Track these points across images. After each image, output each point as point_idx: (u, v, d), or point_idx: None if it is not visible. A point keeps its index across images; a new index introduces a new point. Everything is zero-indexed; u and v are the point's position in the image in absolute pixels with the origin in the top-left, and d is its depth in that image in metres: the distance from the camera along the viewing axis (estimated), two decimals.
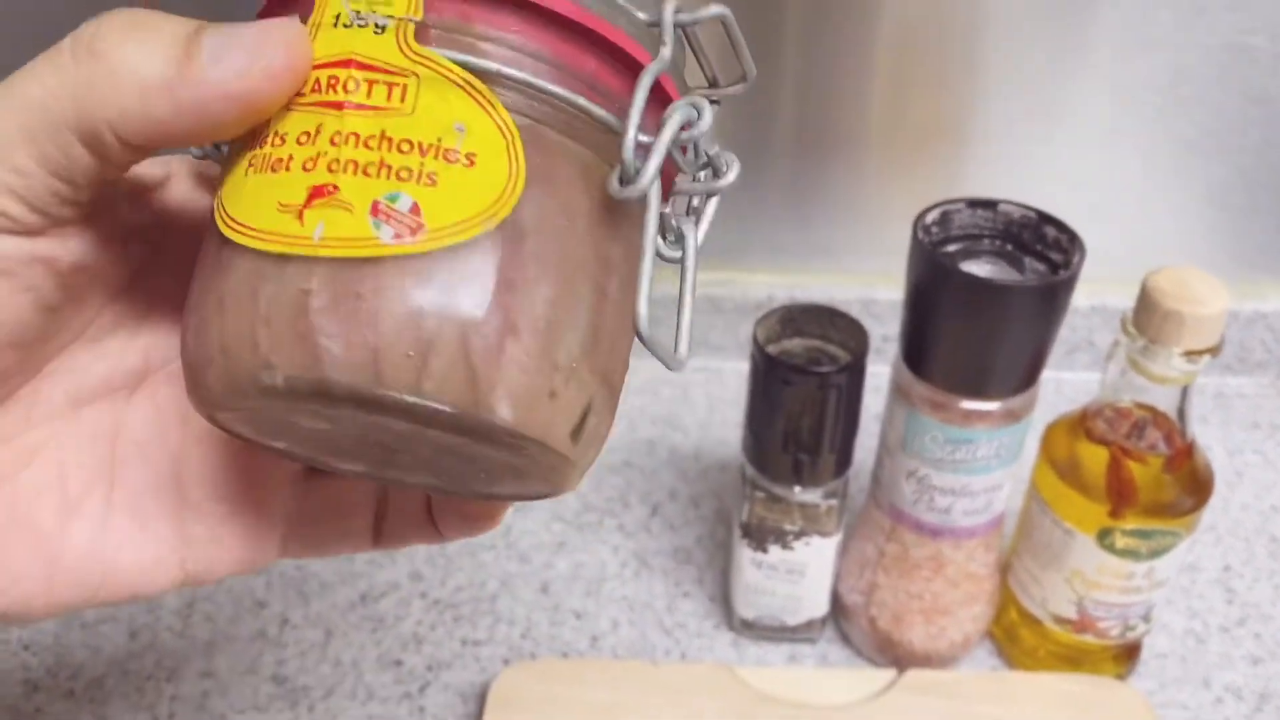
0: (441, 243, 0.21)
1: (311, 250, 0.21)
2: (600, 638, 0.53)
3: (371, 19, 0.22)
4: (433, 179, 0.21)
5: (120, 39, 0.21)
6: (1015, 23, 0.59)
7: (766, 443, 0.46)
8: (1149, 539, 0.45)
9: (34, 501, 0.25)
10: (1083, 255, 0.42)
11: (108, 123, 0.21)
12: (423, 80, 0.21)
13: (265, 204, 0.21)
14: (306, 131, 0.21)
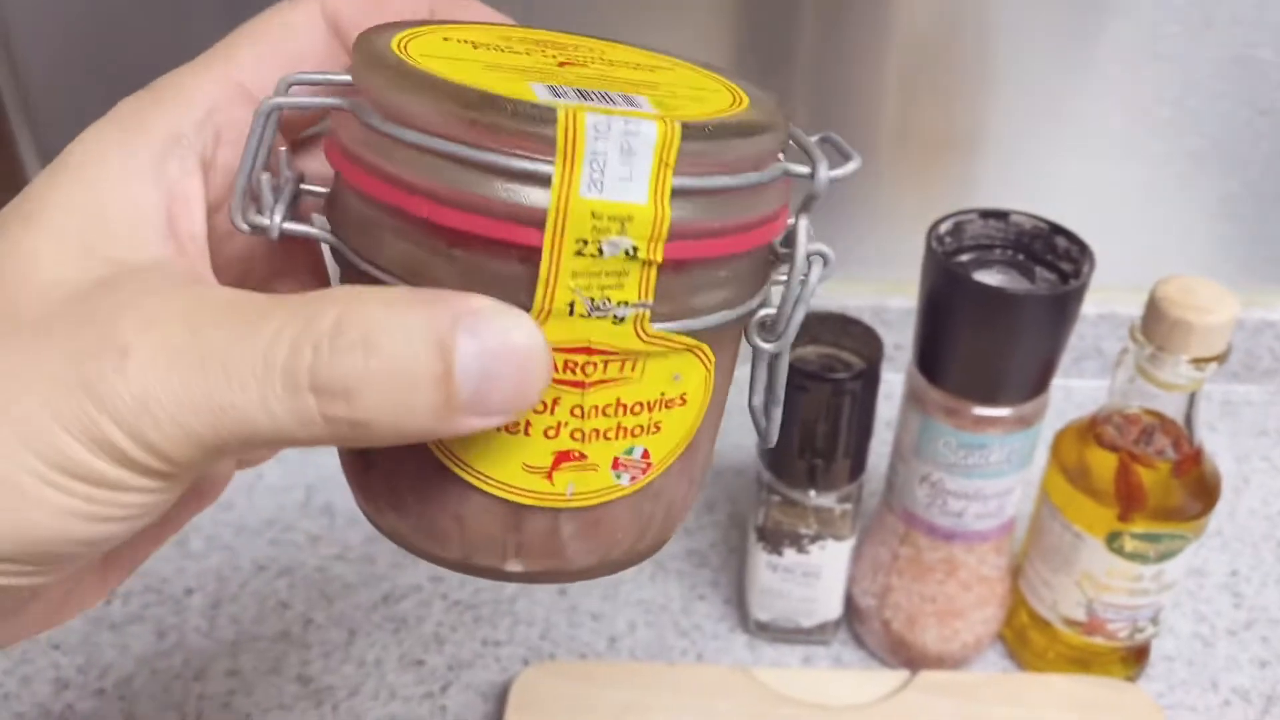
0: (662, 469, 0.24)
1: (564, 504, 0.24)
2: (618, 639, 0.54)
3: (610, 310, 0.21)
4: (657, 428, 0.24)
5: (365, 380, 0.19)
6: (1026, 35, 0.60)
7: (783, 448, 0.47)
8: (1157, 542, 0.46)
9: None
10: (1093, 265, 0.43)
11: (332, 443, 0.20)
12: (653, 354, 0.23)
13: (506, 462, 0.23)
14: (543, 403, 0.22)
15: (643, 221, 0.21)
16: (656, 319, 0.22)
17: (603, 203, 0.20)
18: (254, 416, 0.19)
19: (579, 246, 0.21)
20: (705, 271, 0.22)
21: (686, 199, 0.21)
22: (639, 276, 0.21)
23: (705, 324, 0.23)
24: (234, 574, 0.57)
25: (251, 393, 0.19)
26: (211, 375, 0.19)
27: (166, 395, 0.19)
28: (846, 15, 0.59)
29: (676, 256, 0.21)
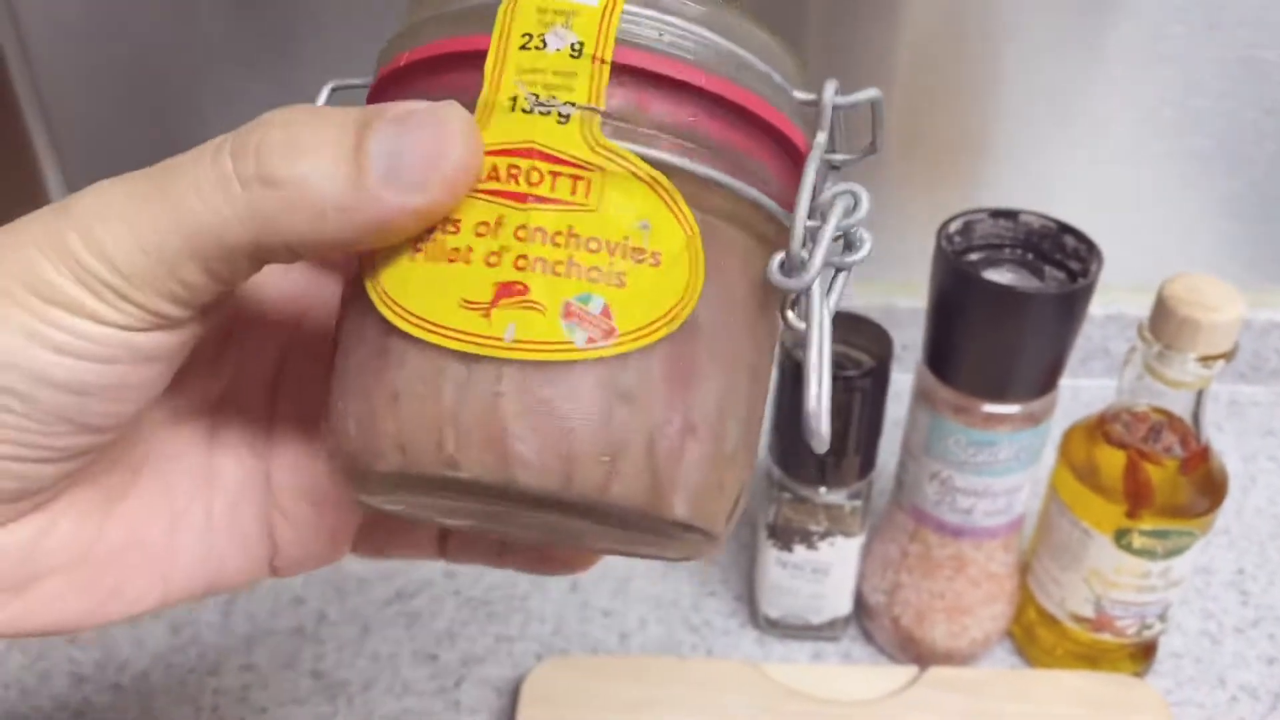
0: (631, 346, 0.21)
1: (503, 352, 0.20)
2: (629, 635, 0.55)
3: (554, 107, 0.21)
4: (621, 280, 0.21)
5: (288, 161, 0.20)
6: (1033, 37, 0.60)
7: (793, 445, 0.48)
8: (1165, 539, 0.46)
9: (146, 520, 0.26)
10: (1100, 264, 0.43)
11: (284, 245, 0.21)
12: (608, 175, 0.21)
13: (444, 297, 0.21)
14: (485, 222, 0.21)
15: (589, 17, 0.21)
16: (611, 133, 0.21)
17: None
18: (212, 222, 0.21)
19: (524, 40, 0.21)
20: (671, 108, 0.22)
21: (642, 16, 0.21)
22: (588, 77, 0.21)
23: (666, 158, 0.21)
24: None
25: (211, 201, 0.21)
26: (168, 189, 0.21)
27: (129, 211, 0.21)
28: (854, 16, 0.60)
29: (629, 62, 0.21)
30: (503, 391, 0.20)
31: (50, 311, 0.21)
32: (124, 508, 0.26)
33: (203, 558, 0.27)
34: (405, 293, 0.21)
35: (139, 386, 0.23)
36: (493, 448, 0.20)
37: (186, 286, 0.21)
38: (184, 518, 0.27)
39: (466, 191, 0.21)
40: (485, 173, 0.21)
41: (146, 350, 0.22)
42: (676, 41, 0.21)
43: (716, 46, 0.22)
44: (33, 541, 0.24)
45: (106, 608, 0.25)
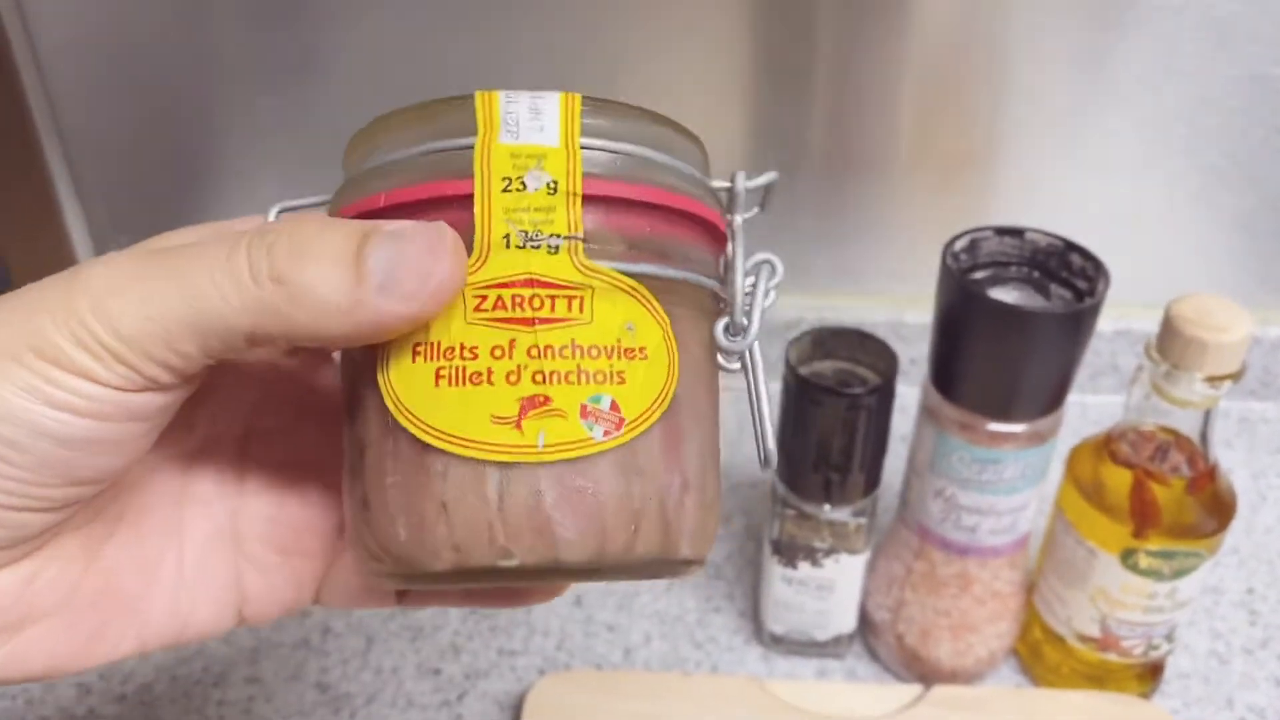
0: (639, 430, 0.25)
1: (537, 456, 0.24)
2: (633, 650, 0.55)
3: (544, 240, 0.24)
4: (621, 377, 0.24)
5: (298, 265, 0.23)
6: (1043, 53, 0.60)
7: (797, 462, 0.48)
8: (1172, 559, 0.46)
9: (121, 569, 0.28)
10: (1107, 283, 0.43)
11: (282, 335, 0.23)
12: (596, 291, 0.24)
13: (473, 416, 0.24)
14: (499, 345, 0.24)
15: (557, 158, 0.24)
16: (591, 255, 0.25)
17: (519, 145, 0.24)
18: (219, 307, 0.23)
19: (504, 184, 0.24)
20: (631, 221, 0.25)
21: (598, 150, 0.25)
22: (565, 210, 0.24)
23: (638, 269, 0.25)
24: None
25: (222, 288, 0.23)
26: (182, 270, 0.23)
27: (141, 285, 0.23)
28: (863, 31, 0.60)
29: (595, 192, 0.25)
30: (542, 489, 0.24)
31: (50, 370, 0.23)
32: (102, 557, 0.27)
33: (173, 606, 0.29)
34: (435, 415, 0.24)
35: (127, 443, 0.25)
36: (540, 536, 0.24)
37: (181, 357, 0.23)
38: (156, 568, 0.28)
39: (451, 300, 0.24)
40: (490, 303, 0.24)
41: (135, 409, 0.24)
42: (625, 165, 0.25)
43: (654, 161, 0.26)
44: (22, 586, 0.25)
45: (90, 651, 0.27)
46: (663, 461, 0.25)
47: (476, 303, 0.24)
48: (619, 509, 0.25)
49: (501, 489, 0.24)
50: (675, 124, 0.27)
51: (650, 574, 0.27)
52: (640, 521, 0.25)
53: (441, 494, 0.24)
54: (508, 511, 0.24)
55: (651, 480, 0.25)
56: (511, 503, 0.24)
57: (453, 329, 0.24)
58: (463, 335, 0.24)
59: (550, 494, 0.24)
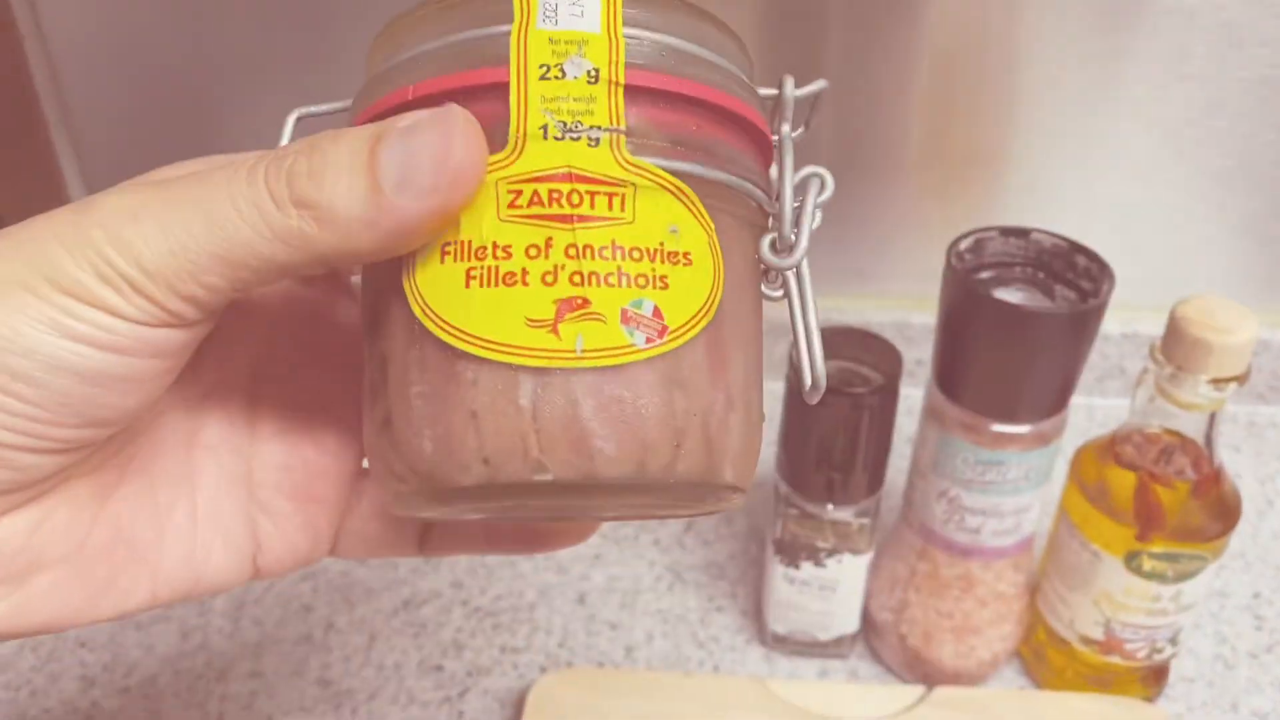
0: (683, 339, 0.23)
1: (575, 362, 0.22)
2: (635, 649, 0.55)
3: (584, 131, 0.23)
4: (664, 282, 0.23)
5: (314, 185, 0.22)
6: (1052, 55, 0.60)
7: (801, 461, 0.47)
8: (1176, 562, 0.46)
9: (133, 517, 0.27)
10: (1112, 284, 0.43)
11: (315, 260, 0.23)
12: (639, 189, 0.23)
13: (507, 318, 0.22)
14: (535, 245, 0.22)
15: (598, 45, 0.23)
16: (635, 150, 0.23)
17: (558, 31, 0.23)
18: (248, 237, 0.22)
19: (542, 71, 0.23)
20: (676, 117, 0.24)
21: (641, 40, 0.23)
22: (608, 101, 0.23)
23: (683, 167, 0.23)
24: None
25: (247, 217, 0.22)
26: (204, 201, 0.22)
27: (163, 215, 0.22)
28: (872, 31, 0.60)
29: (638, 83, 0.23)
30: (579, 398, 0.22)
31: (69, 303, 0.22)
32: (112, 505, 0.27)
33: (187, 555, 0.28)
34: (465, 318, 0.23)
35: (146, 381, 0.24)
36: (577, 449, 0.22)
37: (208, 290, 0.23)
38: (168, 516, 0.28)
39: (476, 184, 0.22)
40: (528, 199, 0.22)
41: (157, 345, 0.23)
42: (670, 57, 0.24)
43: (701, 57, 0.24)
44: (29, 533, 0.25)
45: (98, 604, 0.26)
46: (708, 375, 0.24)
47: (511, 198, 0.22)
48: (661, 422, 0.23)
49: (536, 397, 0.22)
50: (720, 22, 0.25)
51: (689, 502, 0.25)
52: (683, 438, 0.23)
53: (471, 402, 0.23)
54: (542, 421, 0.22)
55: (696, 394, 0.23)
56: (547, 412, 0.22)
57: (484, 227, 0.23)
58: (495, 234, 0.22)
59: (588, 403, 0.22)
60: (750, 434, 0.25)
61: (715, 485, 0.24)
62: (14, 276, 0.22)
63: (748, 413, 0.25)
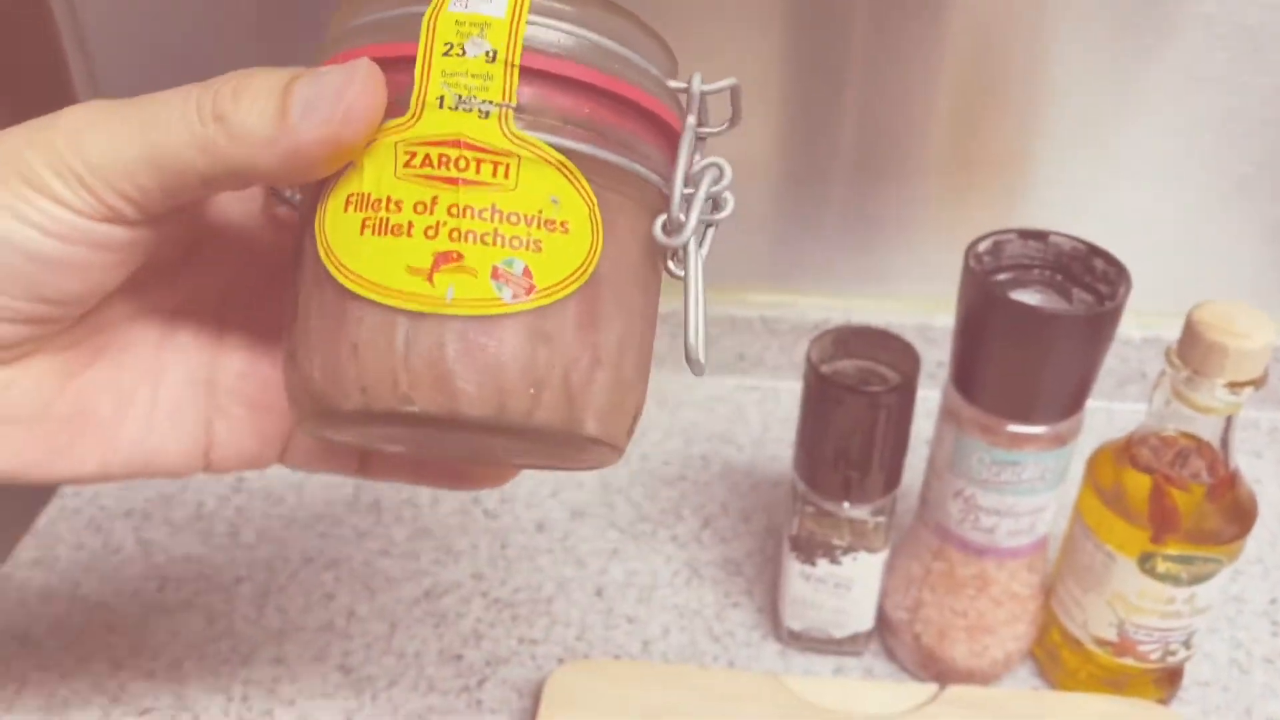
0: (549, 299, 0.26)
1: (444, 309, 0.25)
2: (651, 642, 0.55)
3: (476, 105, 0.25)
4: (538, 246, 0.25)
5: (236, 103, 0.26)
6: (1073, 59, 0.60)
7: (817, 459, 0.48)
8: (1190, 565, 0.46)
9: (97, 395, 0.31)
10: (1129, 287, 0.43)
11: (226, 171, 0.26)
12: (523, 160, 0.25)
13: (391, 265, 0.25)
14: (422, 201, 0.25)
15: (499, 28, 0.25)
16: (524, 126, 0.26)
17: (465, 13, 0.26)
18: (173, 143, 0.26)
19: (446, 48, 0.25)
20: (569, 99, 0.26)
21: (546, 28, 0.26)
22: (502, 79, 0.25)
23: (568, 144, 0.26)
24: (283, 565, 0.59)
25: (174, 128, 0.26)
26: (145, 113, 0.26)
27: (111, 124, 0.26)
28: (895, 34, 0.60)
29: (534, 65, 0.26)
30: (445, 341, 0.25)
31: (28, 193, 0.26)
32: (79, 381, 0.31)
33: (143, 438, 0.32)
34: (357, 262, 0.26)
35: (90, 270, 0.27)
36: (440, 386, 0.25)
37: (140, 190, 0.26)
38: (131, 400, 0.32)
39: (369, 128, 0.25)
40: (419, 160, 0.25)
41: (98, 238, 0.27)
42: (573, 46, 0.26)
43: (605, 48, 0.27)
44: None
45: (55, 463, 0.30)
46: (575, 334, 0.26)
47: (406, 159, 0.25)
48: (521, 371, 0.25)
49: (408, 338, 0.25)
50: (637, 20, 0.28)
51: (562, 451, 0.28)
52: (542, 387, 0.26)
53: (355, 337, 0.26)
54: (412, 359, 0.25)
55: (559, 350, 0.26)
56: (415, 351, 0.25)
57: (383, 181, 0.25)
58: (391, 189, 0.25)
59: (452, 347, 0.25)
60: (621, 393, 0.28)
61: (577, 435, 0.27)
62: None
63: (618, 372, 0.27)
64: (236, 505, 0.63)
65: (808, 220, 0.67)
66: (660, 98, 0.28)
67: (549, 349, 0.26)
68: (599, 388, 0.27)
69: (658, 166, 0.28)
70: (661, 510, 0.63)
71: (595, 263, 0.26)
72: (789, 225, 0.67)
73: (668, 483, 0.65)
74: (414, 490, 0.64)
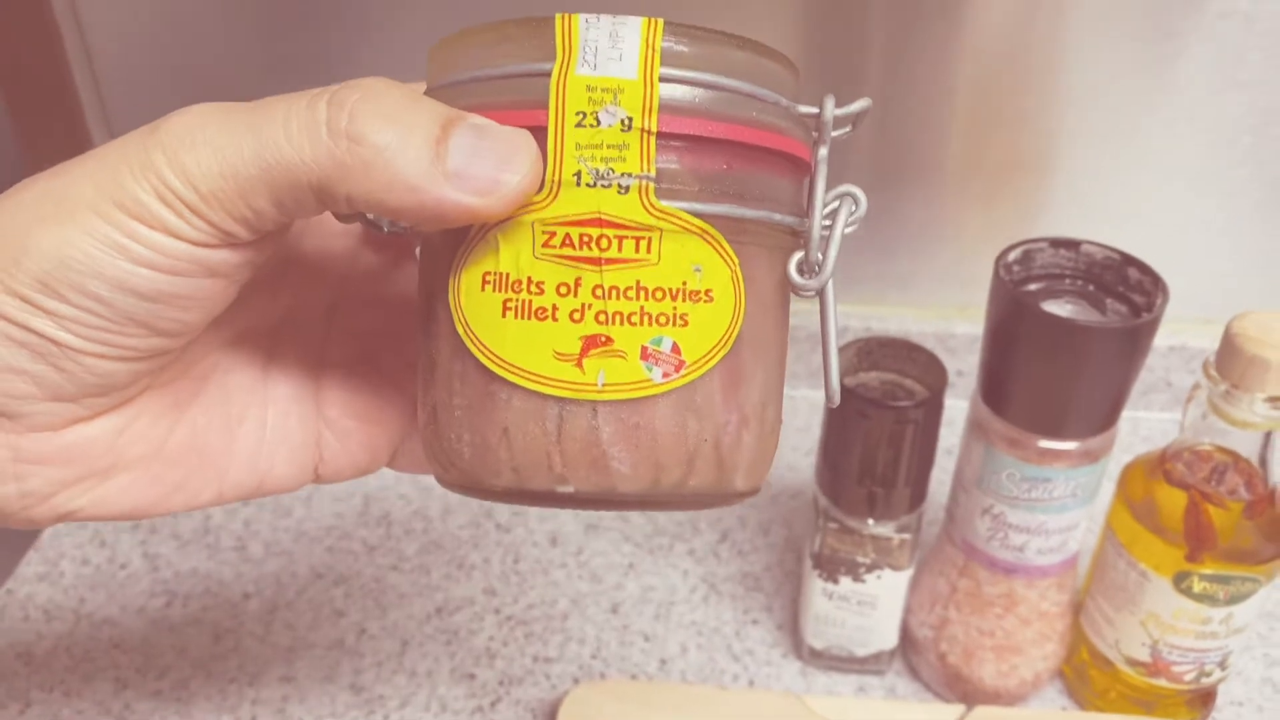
0: (698, 373, 0.25)
1: (596, 395, 0.25)
2: (669, 661, 0.54)
3: (614, 179, 0.24)
4: (684, 320, 0.25)
5: (378, 127, 0.23)
6: (1102, 62, 0.59)
7: (841, 475, 0.47)
8: (1227, 584, 0.45)
9: (207, 425, 0.30)
10: (1165, 298, 0.42)
11: (349, 198, 0.24)
12: (665, 233, 0.24)
13: (538, 350, 0.25)
14: (565, 283, 0.24)
15: (634, 92, 0.24)
16: (662, 195, 0.24)
17: (596, 77, 0.24)
18: (293, 160, 0.23)
19: (579, 119, 0.24)
20: (707, 159, 0.25)
21: (677, 83, 0.24)
22: (639, 149, 0.24)
23: (710, 209, 0.25)
24: (291, 580, 0.58)
25: (296, 142, 0.23)
26: (258, 125, 0.24)
27: (219, 139, 0.24)
28: (916, 37, 0.59)
29: (670, 130, 0.24)
30: (599, 425, 0.25)
31: (134, 226, 0.24)
32: (189, 414, 0.30)
33: (253, 462, 0.31)
34: (501, 346, 0.25)
35: (205, 298, 0.26)
36: (595, 467, 0.25)
37: (255, 212, 0.24)
38: (239, 425, 0.31)
39: (512, 208, 0.24)
40: (560, 240, 0.24)
41: (212, 265, 0.25)
42: (706, 100, 0.25)
43: (737, 92, 0.25)
44: (114, 435, 0.28)
45: (171, 499, 0.29)
46: (721, 402, 0.26)
47: (545, 238, 0.24)
48: (674, 446, 0.25)
49: (560, 421, 0.25)
50: (763, 47, 0.26)
51: (705, 505, 0.27)
52: (695, 460, 0.26)
53: (504, 420, 0.25)
54: (565, 443, 0.25)
55: (709, 420, 0.25)
56: (569, 436, 0.25)
57: (521, 262, 0.24)
58: (530, 269, 0.24)
59: (606, 430, 0.25)
60: (764, 443, 0.27)
61: (726, 494, 0.27)
62: (86, 199, 0.24)
63: (761, 426, 0.27)
64: (244, 518, 0.62)
65: None
66: (792, 133, 0.27)
67: (699, 421, 0.25)
68: (746, 446, 0.27)
69: (790, 202, 0.27)
70: (678, 523, 0.61)
71: (739, 326, 0.25)
72: None
73: None
74: (424, 502, 0.63)
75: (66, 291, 0.24)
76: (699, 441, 0.25)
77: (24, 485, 0.27)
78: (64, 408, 0.26)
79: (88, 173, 0.24)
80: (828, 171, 0.27)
